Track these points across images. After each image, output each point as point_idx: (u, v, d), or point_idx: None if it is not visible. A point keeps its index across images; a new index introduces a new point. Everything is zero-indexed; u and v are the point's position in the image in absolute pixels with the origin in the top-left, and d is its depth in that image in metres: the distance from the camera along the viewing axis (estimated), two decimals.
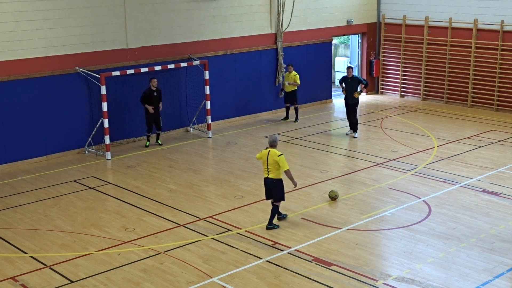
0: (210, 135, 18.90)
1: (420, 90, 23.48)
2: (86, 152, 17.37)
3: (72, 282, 10.26)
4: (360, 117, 20.26)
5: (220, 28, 19.86)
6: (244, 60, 20.57)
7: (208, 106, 18.86)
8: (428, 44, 22.96)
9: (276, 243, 11.56)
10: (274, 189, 12.04)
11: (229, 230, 12.19)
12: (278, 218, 12.50)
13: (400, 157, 16.51)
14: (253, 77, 20.94)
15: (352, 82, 18.41)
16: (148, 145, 17.93)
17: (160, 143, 18.13)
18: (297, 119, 20.51)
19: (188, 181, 15.06)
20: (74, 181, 15.18)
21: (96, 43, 17.37)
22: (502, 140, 17.98)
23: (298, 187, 14.12)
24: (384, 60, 24.35)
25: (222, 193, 14.24)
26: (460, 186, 14.36)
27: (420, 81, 23.42)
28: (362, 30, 23.97)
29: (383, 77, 24.54)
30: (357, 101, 18.61)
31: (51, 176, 15.56)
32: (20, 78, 16.15)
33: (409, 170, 15.48)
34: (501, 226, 12.18)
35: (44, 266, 10.83)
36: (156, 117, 17.77)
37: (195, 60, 18.76)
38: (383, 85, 24.60)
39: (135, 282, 10.25)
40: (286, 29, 21.23)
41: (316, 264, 10.72)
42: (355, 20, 23.51)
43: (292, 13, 21.07)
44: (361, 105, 21.59)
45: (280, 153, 11.88)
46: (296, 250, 11.25)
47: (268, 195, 12.25)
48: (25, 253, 11.36)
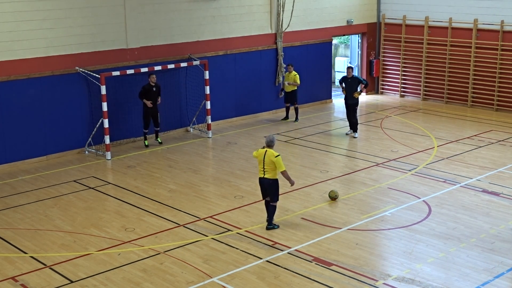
0: (210, 135, 18.90)
1: (420, 90, 23.47)
2: (86, 152, 17.37)
3: (72, 282, 10.26)
4: (360, 117, 20.25)
5: (220, 28, 19.86)
6: (244, 60, 20.56)
7: (208, 106, 18.86)
8: (428, 44, 22.95)
9: (276, 243, 11.55)
10: (270, 190, 12.02)
11: (229, 230, 12.18)
12: (267, 228, 12.16)
13: (400, 157, 16.50)
14: (253, 77, 20.94)
15: (352, 82, 18.41)
16: (148, 145, 17.92)
17: (160, 142, 18.12)
18: (297, 119, 20.51)
19: (188, 181, 15.05)
20: (74, 181, 15.18)
21: (96, 43, 17.37)
22: (502, 140, 17.98)
23: (298, 187, 14.13)
24: (384, 60, 24.34)
25: (222, 193, 14.24)
26: (460, 186, 14.36)
27: (420, 81, 23.41)
28: (362, 30, 23.97)
29: (383, 77, 24.54)
30: (357, 101, 18.61)
31: (51, 176, 15.56)
32: (20, 78, 16.16)
33: (409, 170, 15.47)
34: (501, 226, 12.18)
35: (44, 266, 10.83)
36: (154, 113, 17.73)
37: (195, 60, 18.76)
38: (383, 85, 24.60)
39: (135, 282, 10.25)
40: (286, 29, 21.22)
41: (316, 264, 10.72)
42: (355, 20, 23.51)
43: (292, 13, 21.06)
44: (361, 105, 21.59)
45: (277, 154, 11.85)
46: (296, 250, 11.24)
47: (264, 195, 12.25)
48: (25, 253, 11.35)
